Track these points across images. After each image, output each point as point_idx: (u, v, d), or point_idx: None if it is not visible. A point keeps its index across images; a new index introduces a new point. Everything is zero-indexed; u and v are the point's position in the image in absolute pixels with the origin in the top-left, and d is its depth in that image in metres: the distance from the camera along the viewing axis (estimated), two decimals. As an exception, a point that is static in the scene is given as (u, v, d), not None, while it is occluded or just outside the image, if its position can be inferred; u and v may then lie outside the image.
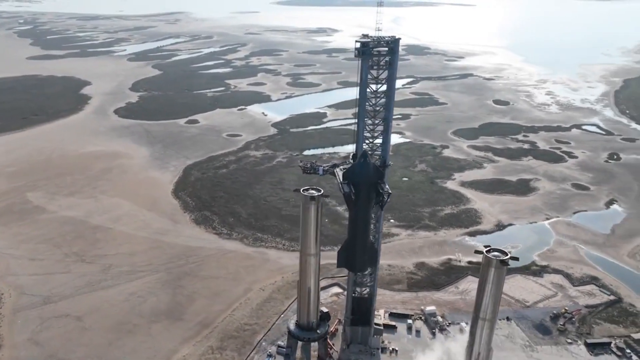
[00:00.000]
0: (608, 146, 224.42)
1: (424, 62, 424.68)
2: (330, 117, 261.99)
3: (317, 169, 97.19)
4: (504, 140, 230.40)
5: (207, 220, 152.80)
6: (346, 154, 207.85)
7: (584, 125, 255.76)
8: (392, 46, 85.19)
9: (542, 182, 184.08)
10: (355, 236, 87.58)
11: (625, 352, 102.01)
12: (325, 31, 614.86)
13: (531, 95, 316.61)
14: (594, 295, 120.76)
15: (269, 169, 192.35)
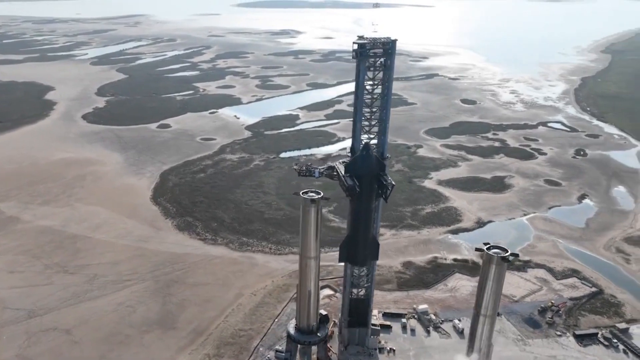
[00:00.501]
0: (574, 142, 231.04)
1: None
2: (303, 119, 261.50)
3: (313, 172, 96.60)
4: (475, 138, 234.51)
5: (190, 226, 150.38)
6: (323, 155, 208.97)
7: (550, 122, 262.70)
8: (389, 47, 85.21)
9: (515, 179, 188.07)
10: (358, 230, 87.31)
11: (612, 341, 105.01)
12: (289, 33, 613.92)
13: (496, 94, 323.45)
14: (576, 287, 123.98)
15: (247, 173, 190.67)
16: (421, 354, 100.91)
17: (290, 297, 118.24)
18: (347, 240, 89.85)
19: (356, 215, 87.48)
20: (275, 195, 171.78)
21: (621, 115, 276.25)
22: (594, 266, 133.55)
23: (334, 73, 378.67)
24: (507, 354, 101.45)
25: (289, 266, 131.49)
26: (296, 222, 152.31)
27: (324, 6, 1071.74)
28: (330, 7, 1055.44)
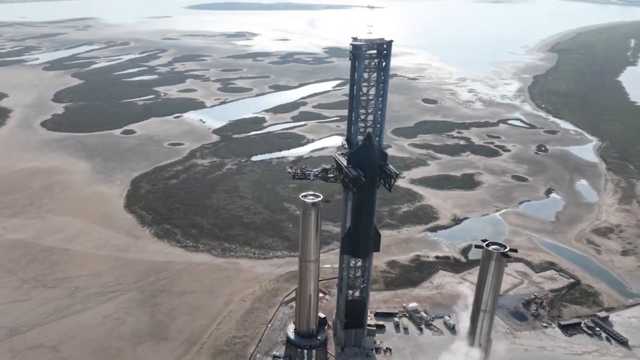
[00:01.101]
0: (534, 139, 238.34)
1: (348, 63, 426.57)
2: (270, 121, 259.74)
3: (308, 175, 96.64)
4: (441, 137, 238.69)
5: (169, 234, 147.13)
6: (294, 157, 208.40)
7: (509, 120, 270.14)
8: (386, 48, 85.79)
9: (484, 175, 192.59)
10: (360, 221, 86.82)
11: (595, 330, 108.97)
12: (244, 35, 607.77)
13: (455, 93, 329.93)
14: (555, 279, 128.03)
15: (220, 177, 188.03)
16: (417, 352, 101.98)
17: (281, 302, 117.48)
18: (349, 233, 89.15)
19: (359, 206, 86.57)
20: (252, 199, 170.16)
21: (574, 112, 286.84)
22: (569, 258, 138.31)
23: (294, 75, 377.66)
24: (499, 347, 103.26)
25: (274, 270, 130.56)
26: (276, 225, 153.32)
27: (275, 8, 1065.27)
28: (281, 8, 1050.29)
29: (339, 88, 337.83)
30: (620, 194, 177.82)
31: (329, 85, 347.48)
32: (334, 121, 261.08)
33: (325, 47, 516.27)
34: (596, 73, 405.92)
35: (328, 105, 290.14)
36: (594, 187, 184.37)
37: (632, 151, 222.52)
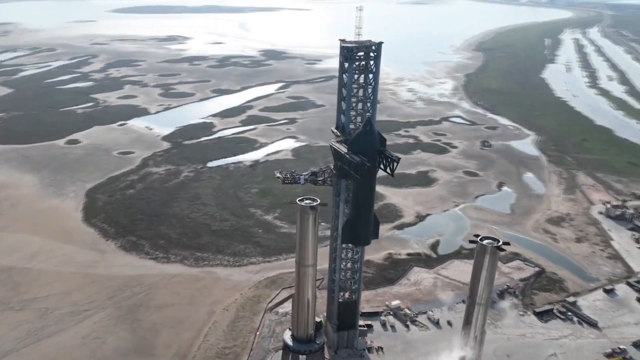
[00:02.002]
0: (477, 135, 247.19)
1: (287, 66, 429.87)
2: (219, 126, 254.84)
3: (298, 179, 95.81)
4: (390, 136, 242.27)
5: (137, 246, 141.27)
6: (251, 162, 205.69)
7: (451, 117, 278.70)
8: (375, 50, 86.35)
9: (438, 172, 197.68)
10: (361, 208, 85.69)
11: (567, 314, 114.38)
12: (176, 39, 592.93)
13: (395, 93, 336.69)
14: (522, 269, 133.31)
15: (179, 185, 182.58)
16: (408, 349, 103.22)
17: (265, 309, 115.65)
18: (350, 221, 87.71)
19: (360, 194, 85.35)
20: (216, 206, 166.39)
21: (508, 108, 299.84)
22: (530, 248, 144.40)
23: (235, 79, 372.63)
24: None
25: (252, 277, 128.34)
26: (246, 231, 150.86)
27: (203, 11, 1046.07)
28: (209, 11, 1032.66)
29: (282, 91, 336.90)
30: (564, 185, 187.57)
31: (272, 88, 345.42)
32: (284, 124, 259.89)
33: (261, 50, 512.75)
34: (522, 71, 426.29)
35: (275, 109, 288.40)
36: (539, 179, 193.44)
37: (567, 144, 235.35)
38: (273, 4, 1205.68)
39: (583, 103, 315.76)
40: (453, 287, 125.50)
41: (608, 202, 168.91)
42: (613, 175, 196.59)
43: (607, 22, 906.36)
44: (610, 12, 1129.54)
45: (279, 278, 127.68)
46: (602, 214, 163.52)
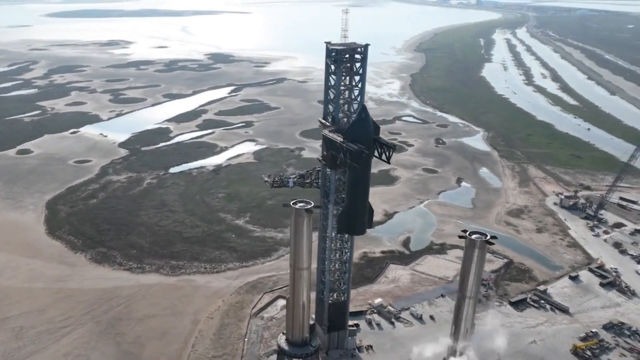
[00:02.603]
0: (430, 133, 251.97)
1: (236, 69, 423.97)
2: (176, 131, 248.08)
3: (287, 182, 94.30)
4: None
5: (108, 257, 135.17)
6: (214, 166, 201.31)
7: (403, 117, 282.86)
8: (363, 52, 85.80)
9: (398, 170, 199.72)
10: (358, 197, 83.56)
11: (540, 302, 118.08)
12: (118, 44, 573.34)
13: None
14: (492, 261, 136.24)
15: (143, 193, 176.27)
16: (396, 346, 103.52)
17: (250, 314, 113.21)
18: (346, 210, 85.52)
19: (356, 182, 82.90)
20: (184, 212, 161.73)
21: (455, 106, 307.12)
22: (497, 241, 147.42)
23: (185, 83, 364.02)
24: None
25: (232, 283, 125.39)
26: (219, 237, 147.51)
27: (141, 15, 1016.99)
28: (147, 15, 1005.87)
29: (235, 94, 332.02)
30: (518, 178, 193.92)
31: (224, 91, 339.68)
32: (241, 127, 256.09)
33: (207, 54, 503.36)
34: (462, 70, 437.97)
35: (230, 112, 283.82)
36: (494, 174, 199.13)
37: (514, 139, 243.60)
38: (213, 7, 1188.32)
39: (523, 100, 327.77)
40: (430, 282, 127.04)
41: (561, 194, 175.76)
42: (560, 168, 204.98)
43: (533, 23, 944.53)
44: (534, 13, 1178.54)
45: (259, 283, 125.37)
46: (556, 204, 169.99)
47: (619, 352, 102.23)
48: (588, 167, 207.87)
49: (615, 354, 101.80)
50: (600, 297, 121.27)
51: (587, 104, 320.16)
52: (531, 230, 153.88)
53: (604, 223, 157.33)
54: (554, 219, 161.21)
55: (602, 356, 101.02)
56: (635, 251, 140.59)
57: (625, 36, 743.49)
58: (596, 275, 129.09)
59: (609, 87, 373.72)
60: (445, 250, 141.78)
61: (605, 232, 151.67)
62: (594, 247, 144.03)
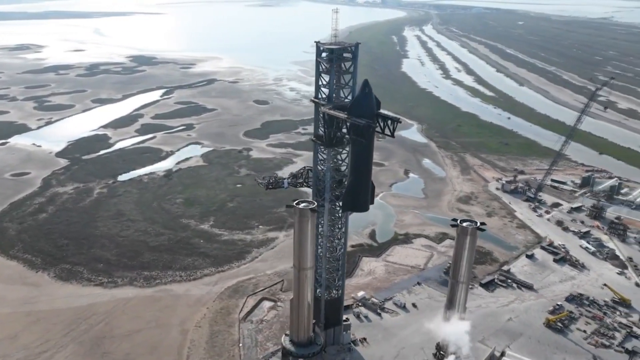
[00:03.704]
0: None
1: (162, 71, 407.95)
2: (115, 137, 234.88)
3: (282, 183, 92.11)
4: (291, 135, 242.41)
5: (74, 274, 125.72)
6: (164, 171, 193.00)
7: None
8: (354, 51, 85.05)
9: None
10: (362, 173, 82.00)
11: (507, 282, 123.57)
12: (29, 47, 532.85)
13: (280, 93, 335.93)
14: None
15: (95, 203, 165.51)
16: (388, 336, 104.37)
17: (239, 319, 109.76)
18: (350, 188, 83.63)
19: (361, 157, 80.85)
20: (144, 221, 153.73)
21: (385, 101, 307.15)
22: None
23: (112, 87, 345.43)
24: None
25: (212, 289, 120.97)
26: (187, 243, 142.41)
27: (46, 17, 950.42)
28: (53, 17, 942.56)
29: (168, 97, 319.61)
30: (459, 167, 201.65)
31: (156, 94, 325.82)
32: (182, 130, 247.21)
33: (129, 56, 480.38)
34: (383, 66, 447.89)
35: (167, 115, 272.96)
36: (437, 164, 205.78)
37: (446, 130, 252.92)
38: (123, 9, 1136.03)
39: (445, 93, 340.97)
40: (404, 271, 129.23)
41: (500, 179, 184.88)
42: (493, 155, 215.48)
43: (436, 20, 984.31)
44: (435, 11, 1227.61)
45: (239, 286, 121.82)
46: (499, 189, 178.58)
47: (584, 320, 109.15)
48: (517, 153, 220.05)
49: (581, 323, 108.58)
50: (556, 272, 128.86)
51: (502, 95, 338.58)
52: (482, 215, 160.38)
53: (544, 204, 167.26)
54: (499, 203, 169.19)
55: (571, 326, 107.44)
56: (576, 227, 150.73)
57: (518, 32, 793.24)
58: (548, 252, 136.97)
59: (517, 79, 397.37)
60: (410, 240, 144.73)
61: (546, 212, 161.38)
62: (540, 226, 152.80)
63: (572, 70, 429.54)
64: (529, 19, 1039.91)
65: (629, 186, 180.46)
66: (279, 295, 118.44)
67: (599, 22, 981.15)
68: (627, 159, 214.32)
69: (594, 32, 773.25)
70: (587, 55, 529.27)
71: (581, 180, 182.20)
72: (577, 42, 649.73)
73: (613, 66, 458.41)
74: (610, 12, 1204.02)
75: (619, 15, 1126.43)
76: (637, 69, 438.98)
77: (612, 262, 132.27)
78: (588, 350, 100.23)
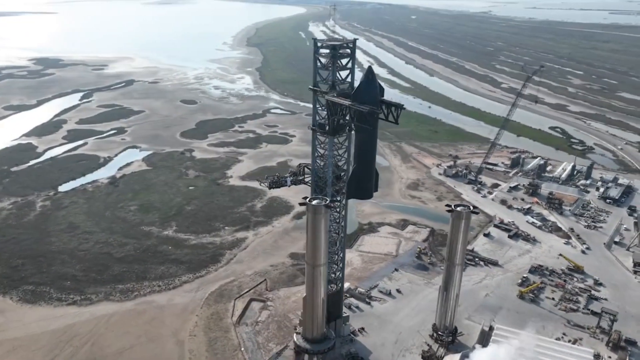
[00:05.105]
0: (304, 123, 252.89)
1: (74, 74, 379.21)
2: (42, 146, 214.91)
3: (285, 181, 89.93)
4: (230, 133, 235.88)
5: (40, 295, 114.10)
6: (107, 178, 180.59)
7: (271, 109, 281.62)
8: (352, 46, 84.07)
9: (295, 161, 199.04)
10: (366, 161, 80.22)
11: (475, 260, 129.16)
12: None
13: (205, 92, 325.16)
14: (418, 232, 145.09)
15: (41, 218, 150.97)
16: (383, 323, 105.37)
17: (233, 323, 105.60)
18: (354, 175, 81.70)
19: (365, 144, 78.83)
20: (102, 232, 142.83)
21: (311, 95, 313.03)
22: (410, 213, 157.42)
23: (22, 92, 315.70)
24: (431, 296, 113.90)
25: (195, 296, 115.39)
26: (155, 251, 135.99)
27: None
28: None
29: (87, 100, 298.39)
30: (399, 156, 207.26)
31: (74, 99, 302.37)
32: (114, 134, 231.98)
33: (31, 59, 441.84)
34: (299, 61, 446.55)
35: (93, 120, 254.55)
36: (378, 153, 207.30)
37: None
38: (10, 8, 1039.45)
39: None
40: (379, 259, 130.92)
41: (440, 165, 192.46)
42: (427, 142, 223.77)
43: (337, 16, 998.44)
44: (333, 7, 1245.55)
45: (223, 290, 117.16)
46: (441, 175, 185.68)
47: (550, 289, 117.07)
48: (446, 139, 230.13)
49: (548, 291, 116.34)
50: (513, 247, 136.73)
51: (417, 86, 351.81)
52: (433, 200, 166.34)
53: (484, 185, 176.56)
54: (445, 187, 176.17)
55: (541, 295, 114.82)
56: (518, 205, 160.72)
57: (414, 25, 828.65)
58: (502, 229, 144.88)
59: (426, 70, 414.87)
60: (375, 229, 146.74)
61: (489, 193, 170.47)
62: (487, 206, 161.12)
63: (472, 61, 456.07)
64: (420, 14, 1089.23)
65: (551, 164, 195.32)
66: (267, 295, 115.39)
67: (481, 16, 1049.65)
68: (542, 140, 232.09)
69: (480, 25, 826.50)
70: (480, 47, 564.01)
71: (511, 161, 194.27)
72: (468, 34, 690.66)
73: (505, 56, 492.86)
74: (488, 7, 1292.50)
75: (496, 10, 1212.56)
76: (525, 58, 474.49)
77: (557, 234, 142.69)
78: (561, 316, 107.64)
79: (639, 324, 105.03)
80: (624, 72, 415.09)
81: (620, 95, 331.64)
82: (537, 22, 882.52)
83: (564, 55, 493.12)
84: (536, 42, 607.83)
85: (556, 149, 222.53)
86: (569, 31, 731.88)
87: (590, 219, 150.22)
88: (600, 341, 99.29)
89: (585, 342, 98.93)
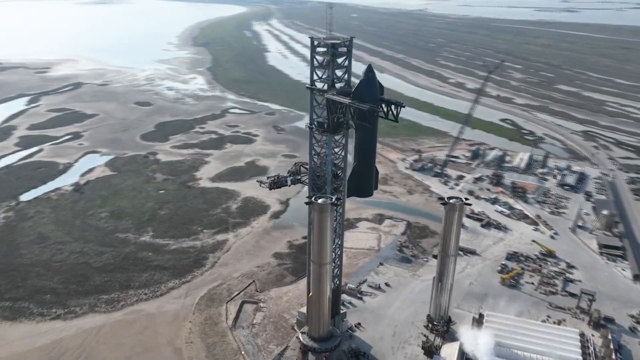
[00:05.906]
0: (264, 122, 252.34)
1: (15, 78, 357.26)
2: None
3: (285, 181, 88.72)
4: (191, 135, 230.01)
5: (20, 311, 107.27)
6: (71, 185, 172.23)
7: (229, 109, 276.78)
8: (349, 45, 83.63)
9: (262, 160, 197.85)
10: (366, 159, 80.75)
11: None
12: None
13: (158, 93, 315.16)
14: (396, 225, 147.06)
15: (7, 230, 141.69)
16: (378, 317, 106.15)
17: (229, 326, 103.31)
18: (354, 174, 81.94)
19: (365, 142, 79.05)
20: (75, 241, 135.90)
21: (268, 94, 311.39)
22: (385, 207, 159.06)
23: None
24: (418, 288, 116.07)
25: (185, 302, 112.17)
26: (136, 258, 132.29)
27: None
28: None
29: (35, 105, 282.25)
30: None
31: (19, 103, 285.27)
32: (70, 140, 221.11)
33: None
34: (249, 60, 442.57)
35: (44, 125, 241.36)
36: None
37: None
38: None
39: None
40: (362, 255, 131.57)
41: (405, 159, 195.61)
42: (388, 137, 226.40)
43: (279, 15, 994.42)
44: (274, 5, 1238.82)
45: (213, 294, 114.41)
46: (408, 169, 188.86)
47: (528, 274, 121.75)
48: (406, 134, 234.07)
49: (527, 276, 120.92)
50: (487, 236, 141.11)
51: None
52: (404, 194, 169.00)
53: (450, 177, 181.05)
54: (413, 180, 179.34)
55: (521, 281, 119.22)
56: (485, 195, 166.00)
57: (355, 23, 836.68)
58: (474, 220, 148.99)
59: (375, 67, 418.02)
60: (354, 225, 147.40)
61: (455, 184, 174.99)
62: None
63: (418, 57, 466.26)
64: (360, 12, 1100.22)
65: (509, 155, 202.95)
66: (258, 297, 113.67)
67: (418, 13, 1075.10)
68: (495, 131, 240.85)
69: (418, 22, 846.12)
70: (422, 43, 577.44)
71: (471, 154, 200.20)
72: (409, 31, 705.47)
73: (447, 52, 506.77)
74: (423, 5, 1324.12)
75: (431, 7, 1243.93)
76: (466, 54, 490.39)
77: (525, 221, 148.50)
78: (542, 299, 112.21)
79: (612, 302, 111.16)
80: (557, 66, 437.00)
81: (558, 87, 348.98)
82: (471, 19, 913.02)
83: (501, 51, 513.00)
84: (474, 38, 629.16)
85: (509, 139, 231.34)
86: (502, 27, 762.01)
87: (553, 206, 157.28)
88: (581, 321, 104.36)
89: (568, 322, 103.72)
